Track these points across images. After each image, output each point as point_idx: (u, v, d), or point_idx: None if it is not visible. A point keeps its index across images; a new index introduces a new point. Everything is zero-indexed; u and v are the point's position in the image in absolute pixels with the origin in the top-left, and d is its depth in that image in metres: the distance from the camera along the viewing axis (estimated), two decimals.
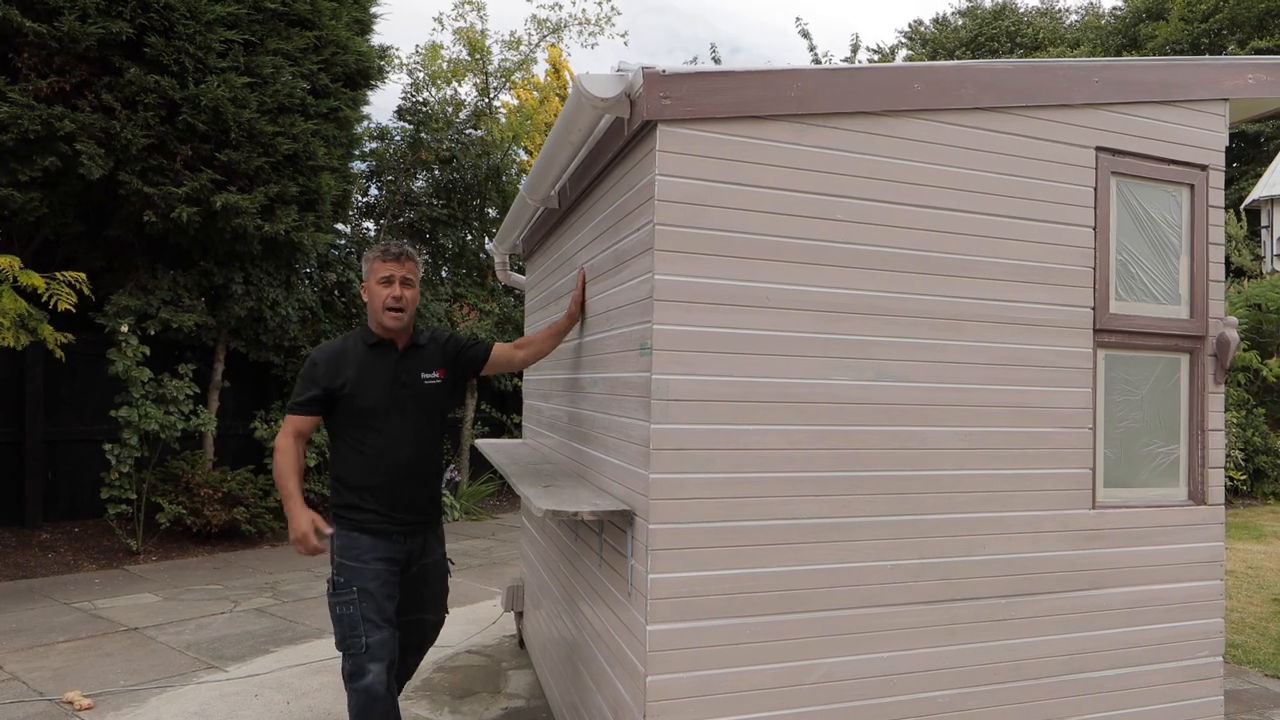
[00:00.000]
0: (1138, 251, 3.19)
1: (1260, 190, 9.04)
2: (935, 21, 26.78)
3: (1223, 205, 3.36)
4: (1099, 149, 3.07)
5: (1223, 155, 3.35)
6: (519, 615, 4.76)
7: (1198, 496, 3.24)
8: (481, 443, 4.65)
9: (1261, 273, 11.29)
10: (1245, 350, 11.44)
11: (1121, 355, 3.15)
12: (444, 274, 10.49)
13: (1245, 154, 19.41)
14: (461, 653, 4.78)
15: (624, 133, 2.63)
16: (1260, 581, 7.01)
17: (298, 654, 4.73)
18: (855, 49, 19.97)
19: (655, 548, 2.42)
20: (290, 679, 4.30)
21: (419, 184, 10.21)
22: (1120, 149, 3.11)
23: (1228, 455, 10.80)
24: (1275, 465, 11.17)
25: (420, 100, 10.26)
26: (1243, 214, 14.08)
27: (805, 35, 21.42)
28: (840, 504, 2.64)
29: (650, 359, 2.45)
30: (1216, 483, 3.29)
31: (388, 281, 2.95)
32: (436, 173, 10.15)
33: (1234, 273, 12.83)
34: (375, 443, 2.93)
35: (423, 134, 9.85)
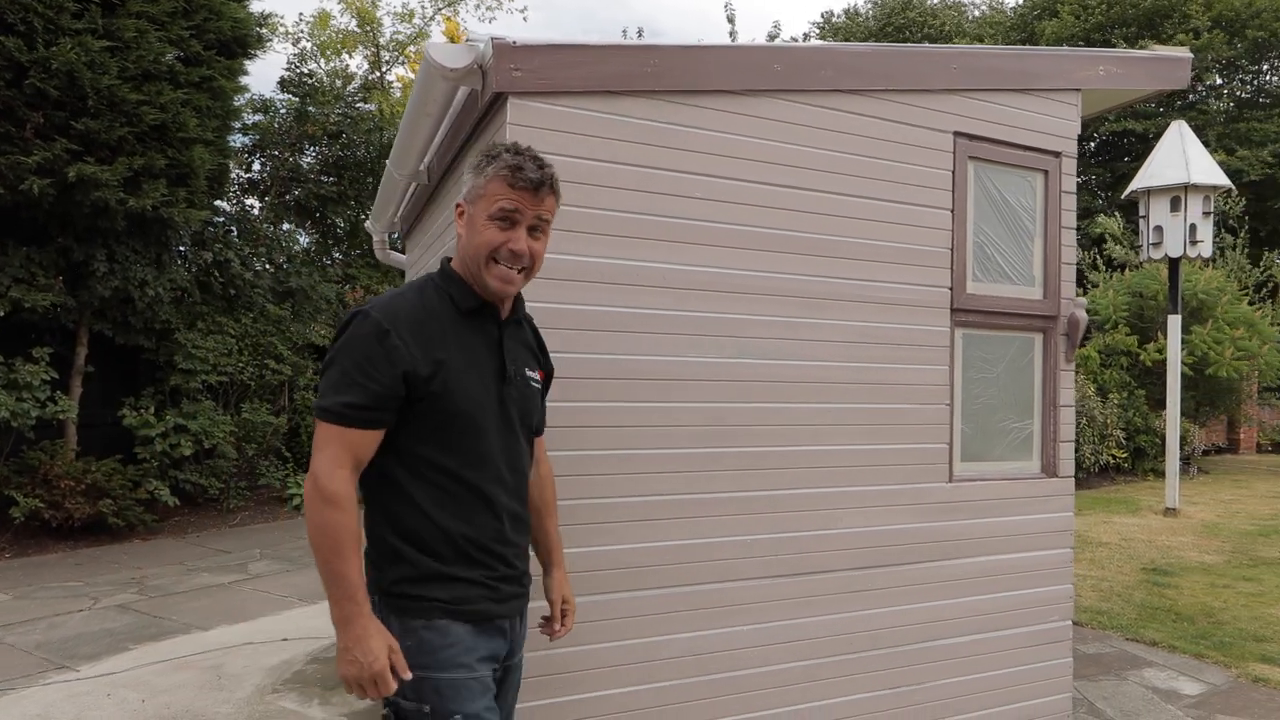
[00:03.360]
0: (994, 234, 3.29)
1: (1138, 182, 9.51)
2: (846, 12, 27.29)
3: (1075, 191, 3.50)
4: (957, 134, 3.16)
5: (1075, 143, 3.49)
6: None
7: (1050, 469, 3.39)
8: None
9: (1139, 262, 11.94)
10: (1127, 335, 12.09)
11: (978, 334, 3.26)
12: (336, 255, 10.13)
13: (1135, 149, 20.45)
14: None
15: (478, 105, 2.57)
16: (1131, 552, 7.44)
17: (159, 651, 4.51)
18: (773, 38, 20.18)
19: None
20: (148, 677, 4.09)
21: (307, 160, 9.82)
22: (977, 134, 3.20)
23: (1111, 435, 11.42)
24: (1154, 444, 11.86)
25: (306, 72, 9.84)
26: (1115, 213, 14.87)
27: (730, 20, 21.52)
28: (699, 480, 2.65)
29: None
30: (1067, 456, 3.45)
31: (508, 221, 1.74)
32: (326, 148, 9.78)
33: (1117, 267, 13.56)
34: (479, 473, 1.75)
35: (309, 107, 9.47)
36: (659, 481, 2.58)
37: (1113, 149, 21.54)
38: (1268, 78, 21.24)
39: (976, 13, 26.32)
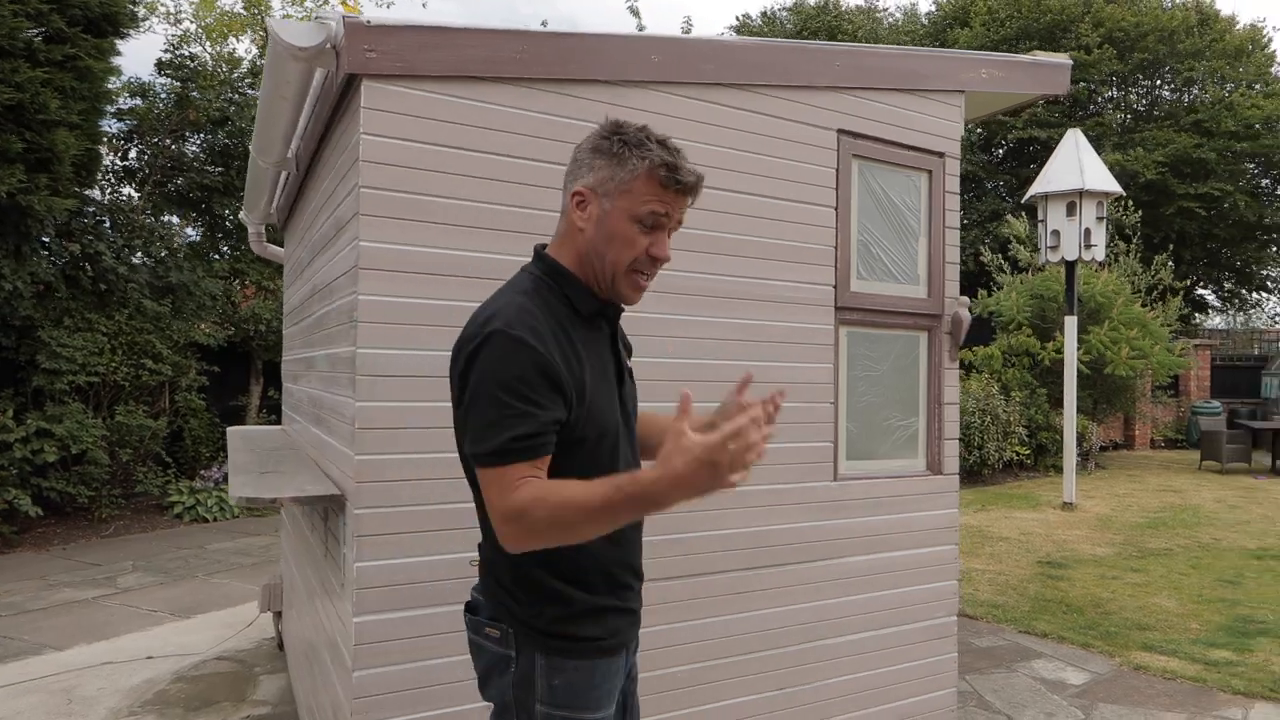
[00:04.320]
0: (878, 232, 3.29)
1: (1036, 187, 9.86)
2: (763, 16, 27.58)
3: (958, 191, 3.53)
4: (841, 131, 3.14)
5: (959, 144, 3.52)
6: (277, 615, 4.43)
7: (934, 467, 3.40)
8: (232, 430, 4.26)
9: (1038, 265, 12.34)
10: (1029, 336, 12.49)
11: (863, 332, 3.25)
12: (224, 249, 9.60)
13: (1040, 156, 21.20)
14: (210, 660, 4.39)
15: (334, 88, 2.42)
16: (1029, 546, 7.66)
17: (5, 674, 4.16)
18: (687, 34, 20.22)
19: (361, 533, 2.25)
20: None
21: (192, 148, 9.27)
22: (861, 133, 3.19)
23: (1013, 432, 11.76)
24: (1055, 441, 12.26)
25: (187, 54, 9.29)
26: (1023, 215, 15.37)
27: (635, 14, 21.59)
28: None
29: (356, 332, 2.26)
30: (951, 453, 3.47)
31: (654, 226, 1.56)
32: (211, 136, 9.28)
33: (1022, 269, 13.99)
34: None
35: (193, 92, 8.98)
36: None
37: (1019, 155, 22.33)
38: (1160, 92, 22.37)
39: (892, 20, 26.96)
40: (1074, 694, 4.20)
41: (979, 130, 21.23)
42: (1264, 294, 23.89)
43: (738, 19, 28.36)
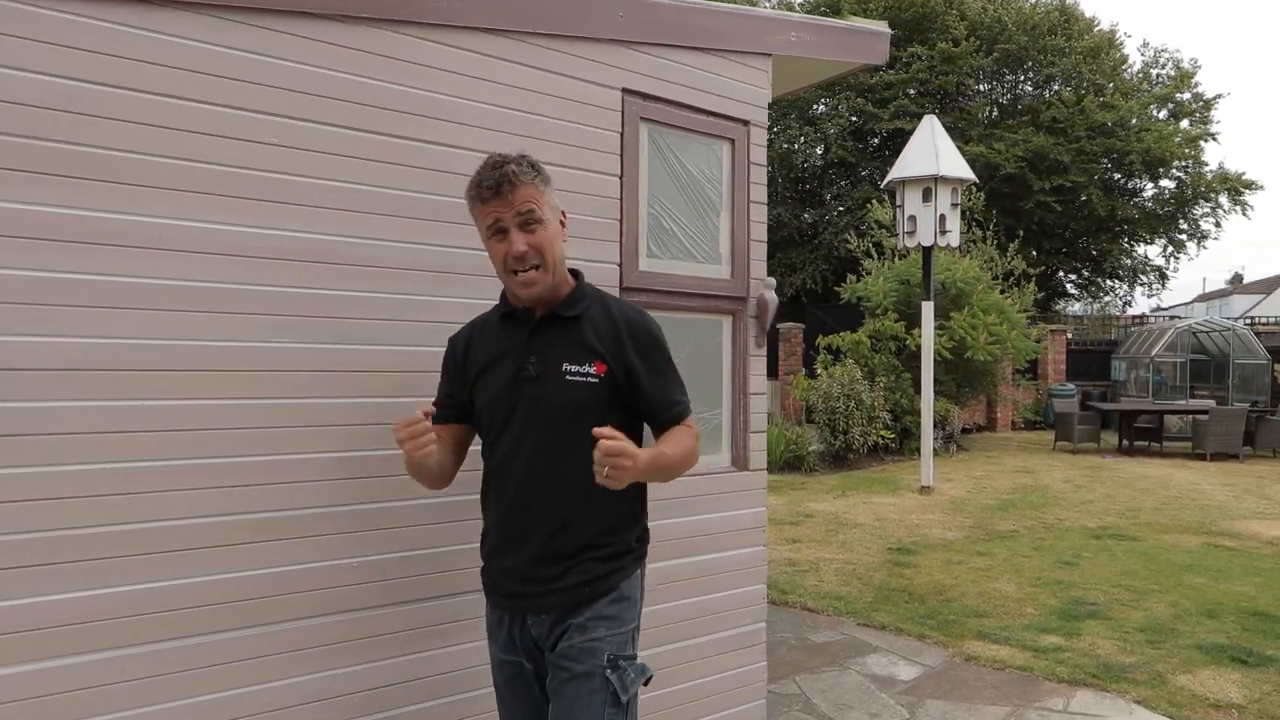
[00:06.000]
0: (673, 206, 2.98)
1: (894, 172, 9.93)
2: None
3: (765, 163, 3.26)
4: (626, 91, 2.81)
5: (765, 111, 3.25)
6: None
7: (740, 462, 3.15)
8: None
9: (903, 250, 12.50)
10: (895, 321, 12.67)
11: (656, 316, 2.91)
12: None
13: (900, 148, 21.77)
14: None
15: None
16: (882, 533, 7.62)
17: None
18: None
19: None
20: None
21: None
22: (652, 94, 2.87)
23: (878, 416, 11.87)
24: (919, 424, 12.49)
25: None
26: (885, 199, 15.61)
27: None
28: (282, 495, 2.12)
29: None
30: (759, 447, 3.22)
31: (498, 232, 1.88)
32: None
33: (885, 255, 14.21)
34: (491, 464, 2.03)
35: None
36: (236, 497, 2.05)
37: (893, 144, 22.88)
38: (1024, 87, 23.33)
39: (769, 6, 27.20)
40: (902, 690, 4.06)
41: (853, 119, 21.60)
42: (1116, 281, 25.34)
43: None
